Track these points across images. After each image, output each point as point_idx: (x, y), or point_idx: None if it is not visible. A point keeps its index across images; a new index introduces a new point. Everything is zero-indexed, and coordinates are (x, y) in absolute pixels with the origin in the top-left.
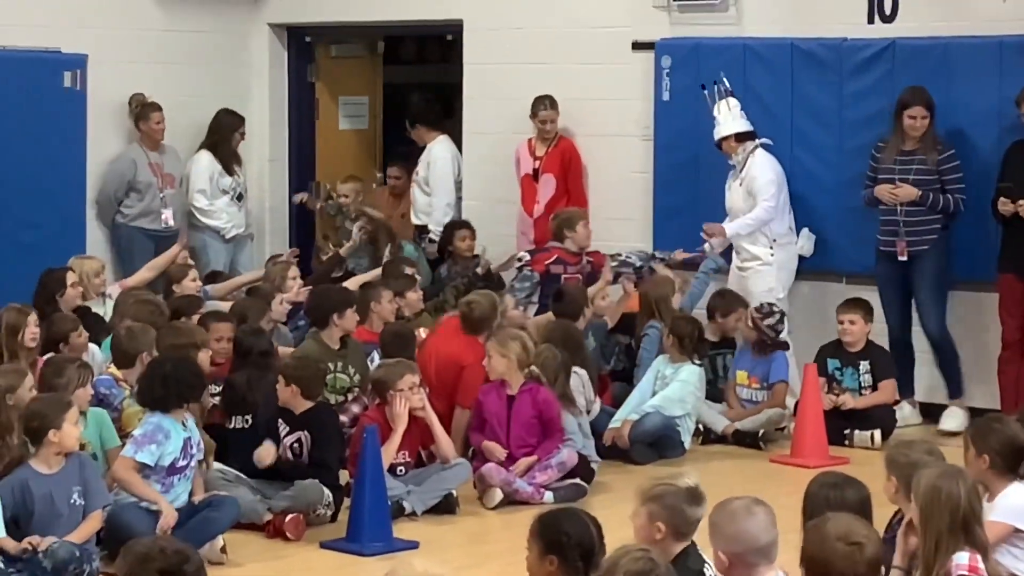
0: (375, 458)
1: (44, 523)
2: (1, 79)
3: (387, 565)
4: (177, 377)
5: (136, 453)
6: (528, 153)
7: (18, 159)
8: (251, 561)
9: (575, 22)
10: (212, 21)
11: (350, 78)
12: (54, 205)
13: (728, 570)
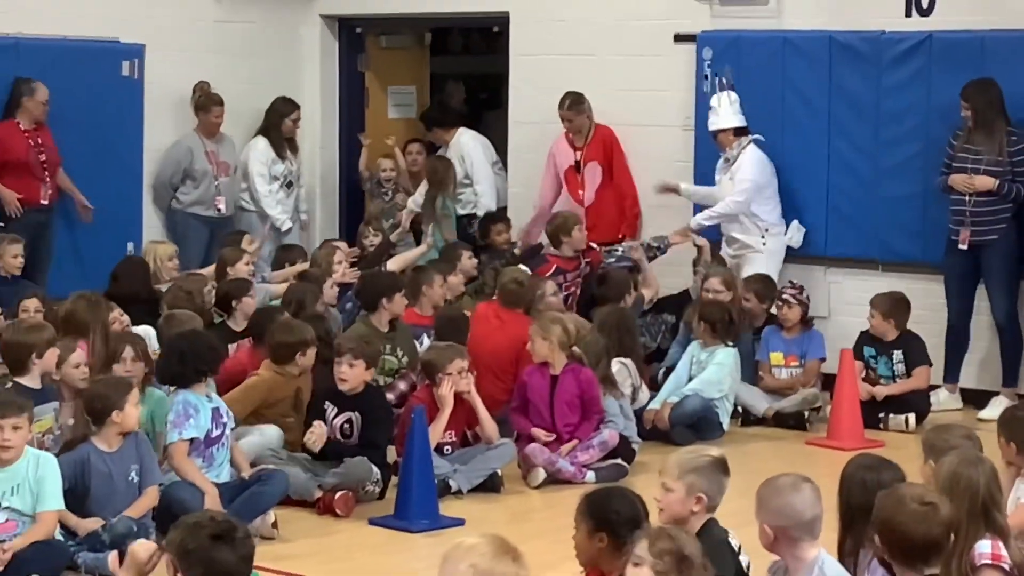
0: (422, 438)
1: (102, 498)
2: (62, 68)
3: (433, 541)
4: (194, 352)
5: (181, 434)
6: (568, 146)
7: (77, 145)
8: (301, 537)
9: (618, 14)
10: (265, 12)
11: (398, 68)
12: (112, 190)
13: (773, 544)
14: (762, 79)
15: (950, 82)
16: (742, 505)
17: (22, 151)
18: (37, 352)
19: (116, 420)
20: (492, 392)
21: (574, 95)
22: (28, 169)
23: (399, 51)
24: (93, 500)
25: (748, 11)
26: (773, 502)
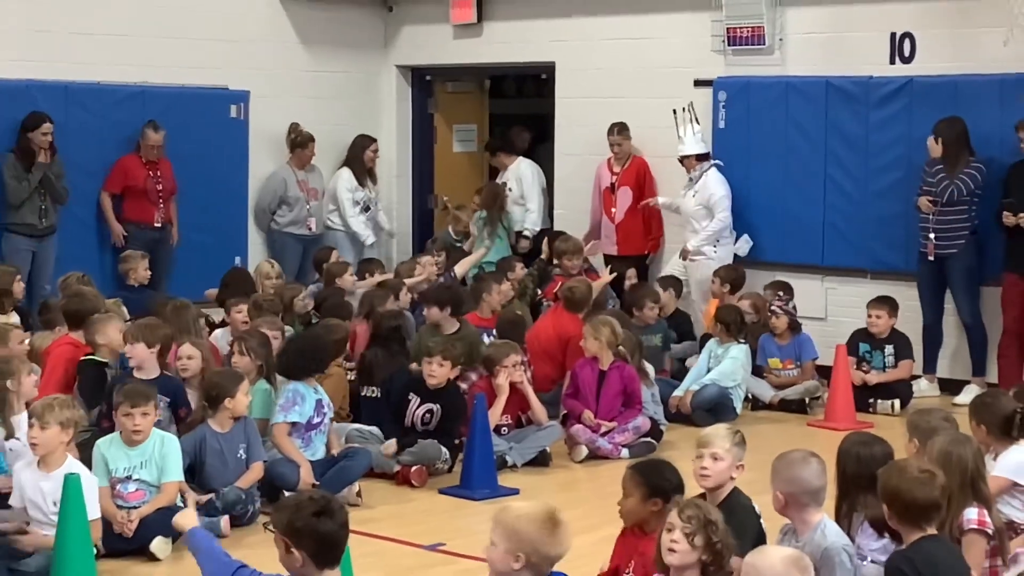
0: (483, 421)
1: (215, 471)
2: (181, 111)
3: (493, 507)
4: (309, 352)
5: (286, 417)
6: (607, 170)
7: (193, 176)
8: (382, 504)
9: (647, 63)
10: (350, 63)
11: (461, 109)
12: (221, 213)
13: (783, 508)
14: (768, 116)
15: (928, 119)
16: (754, 477)
17: (141, 179)
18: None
19: (228, 406)
20: (547, 372)
21: (621, 124)
22: (145, 195)
23: (462, 95)
24: (208, 473)
25: (757, 60)
26: (785, 472)
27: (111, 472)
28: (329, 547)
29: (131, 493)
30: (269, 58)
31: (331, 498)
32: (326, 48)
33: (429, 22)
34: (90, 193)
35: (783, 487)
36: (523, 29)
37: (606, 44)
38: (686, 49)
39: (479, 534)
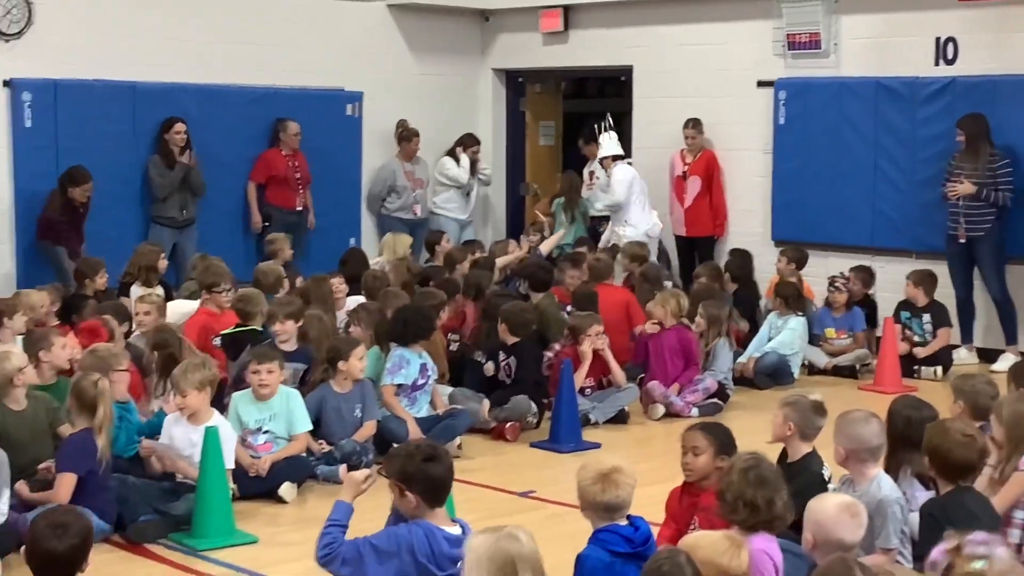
0: (569, 383)
1: (332, 427)
2: (303, 110)
3: (577, 459)
4: (415, 321)
5: (393, 379)
6: (680, 160)
7: (315, 167)
8: (480, 456)
9: (714, 66)
10: (451, 67)
11: (545, 108)
12: (339, 200)
13: (844, 461)
14: (824, 114)
15: None
16: None
17: (283, 170)
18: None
19: (343, 368)
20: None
21: (695, 119)
22: (287, 183)
23: (546, 95)
24: (326, 427)
25: (814, 62)
26: (848, 429)
27: (244, 424)
28: (438, 488)
29: (260, 445)
30: (380, 63)
31: (437, 445)
32: (430, 54)
33: (521, 30)
34: (227, 184)
35: (845, 443)
36: (605, 36)
37: (679, 49)
38: (750, 53)
39: (565, 483)
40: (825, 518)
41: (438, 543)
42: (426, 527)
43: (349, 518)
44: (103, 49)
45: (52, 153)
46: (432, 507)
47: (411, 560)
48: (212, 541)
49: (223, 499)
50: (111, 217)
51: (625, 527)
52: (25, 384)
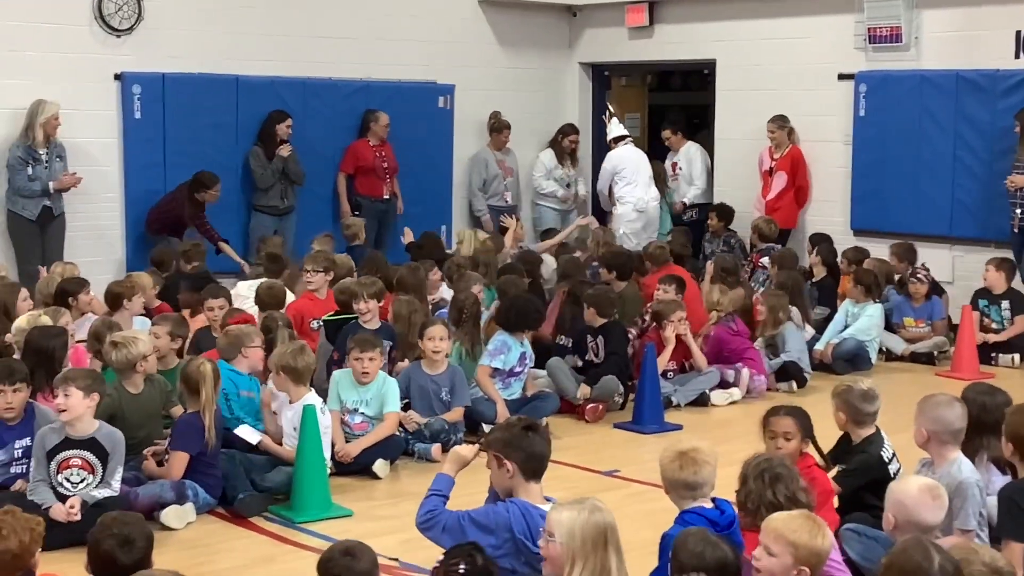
0: (652, 366)
1: (417, 405)
2: (397, 102)
3: (659, 440)
4: (524, 310)
5: (491, 362)
6: (768, 156)
7: (409, 157)
8: (567, 436)
9: (796, 59)
10: (539, 60)
11: (630, 100)
12: (431, 188)
13: (925, 443)
14: (904, 106)
15: None
16: (890, 418)
17: (370, 160)
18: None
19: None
20: None
21: (780, 116)
22: (375, 173)
23: (631, 88)
24: (414, 405)
25: (894, 56)
26: (931, 412)
27: (342, 403)
28: (535, 459)
29: (356, 424)
30: (471, 57)
31: (537, 421)
32: (519, 48)
33: (607, 25)
34: (324, 173)
35: (927, 425)
36: (688, 31)
37: (761, 43)
38: (831, 47)
39: (648, 462)
40: (907, 499)
41: (533, 520)
42: (522, 505)
43: (450, 490)
44: (208, 44)
45: (159, 143)
46: (527, 480)
47: (509, 537)
48: (310, 514)
49: (320, 474)
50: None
51: (711, 509)
52: (147, 371)
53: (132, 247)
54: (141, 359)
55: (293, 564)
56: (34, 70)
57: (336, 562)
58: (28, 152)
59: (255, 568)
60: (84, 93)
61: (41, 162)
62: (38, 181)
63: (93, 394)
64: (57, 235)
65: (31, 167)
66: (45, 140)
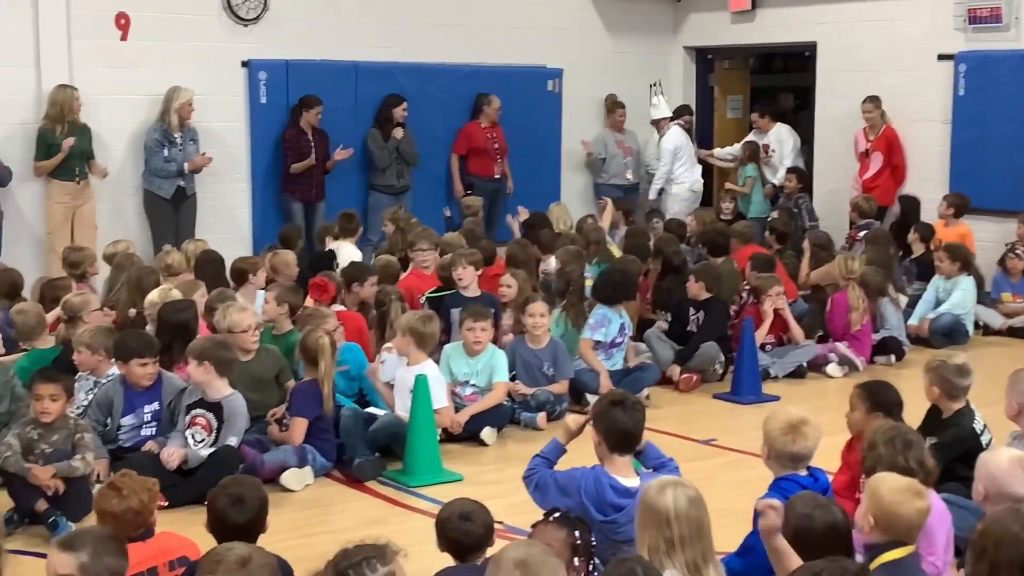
0: (750, 339)
1: (526, 379)
2: (507, 86)
3: (757, 410)
4: (621, 283)
5: (593, 335)
6: (863, 137)
7: (519, 138)
8: (667, 406)
9: (896, 40)
10: (644, 45)
11: (733, 83)
12: (538, 171)
13: (1016, 415)
14: (1004, 85)
15: None
16: (986, 390)
17: (482, 141)
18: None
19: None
20: None
21: (873, 97)
22: (486, 153)
23: (734, 71)
24: (520, 379)
25: (994, 36)
26: (1022, 386)
27: (453, 375)
28: (618, 434)
29: (467, 395)
30: (579, 42)
31: (629, 395)
32: (625, 33)
33: (711, 10)
34: (437, 154)
35: (1019, 398)
36: (790, 14)
37: (862, 25)
38: (931, 28)
39: (746, 432)
40: (998, 471)
41: (603, 489)
42: (598, 472)
43: (557, 456)
44: (329, 32)
45: (283, 126)
46: (611, 452)
47: (579, 500)
48: (421, 478)
49: (431, 440)
50: (335, 185)
51: (805, 477)
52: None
53: (259, 224)
54: (241, 329)
55: (404, 525)
56: (167, 59)
57: (453, 524)
58: (164, 135)
59: (368, 529)
60: (213, 80)
61: (176, 145)
62: (173, 162)
63: (204, 361)
64: (189, 213)
65: (167, 149)
66: (180, 124)
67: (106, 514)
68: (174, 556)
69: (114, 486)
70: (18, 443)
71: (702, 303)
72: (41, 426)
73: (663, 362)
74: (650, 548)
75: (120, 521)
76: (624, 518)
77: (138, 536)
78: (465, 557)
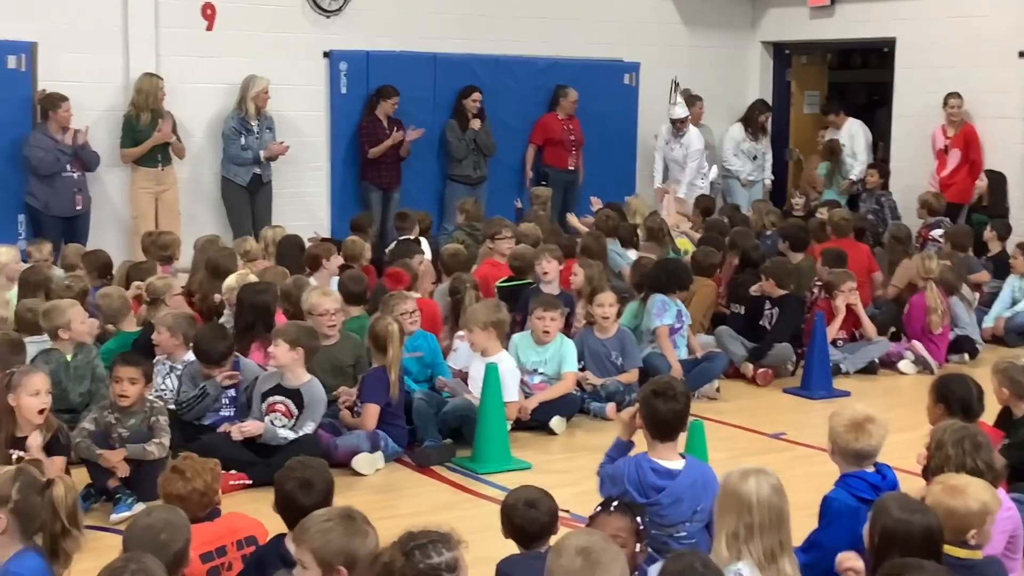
0: (822, 334)
1: (595, 369)
2: (584, 79)
3: (827, 405)
4: (676, 272)
5: (662, 320)
6: (941, 134)
7: (594, 131)
8: (736, 399)
9: (975, 37)
10: (722, 40)
11: (810, 78)
12: (613, 163)
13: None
14: None
15: None
16: None
17: (558, 132)
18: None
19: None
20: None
21: (956, 93)
22: (561, 145)
23: (811, 66)
24: (588, 369)
25: None
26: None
27: (522, 364)
28: (659, 422)
29: (536, 384)
30: (656, 36)
31: (676, 385)
32: (703, 27)
33: (789, 5)
34: (513, 145)
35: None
36: (869, 10)
37: (941, 21)
38: (1012, 25)
39: (815, 427)
40: None
41: (644, 473)
42: (639, 458)
43: (620, 452)
44: (409, 24)
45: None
46: (654, 439)
47: (623, 487)
48: (490, 466)
49: (501, 428)
50: (413, 174)
51: (872, 474)
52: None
53: (337, 212)
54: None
55: (471, 512)
56: (251, 49)
57: (518, 511)
58: (241, 123)
59: (435, 514)
60: (295, 69)
61: (253, 133)
62: (250, 150)
63: (298, 347)
64: (265, 201)
65: (244, 137)
66: (256, 112)
67: (172, 497)
68: (242, 536)
69: (178, 469)
70: (94, 427)
71: (777, 300)
72: (119, 410)
73: (735, 360)
74: (728, 534)
75: (187, 503)
76: (667, 499)
77: (205, 516)
78: (529, 544)
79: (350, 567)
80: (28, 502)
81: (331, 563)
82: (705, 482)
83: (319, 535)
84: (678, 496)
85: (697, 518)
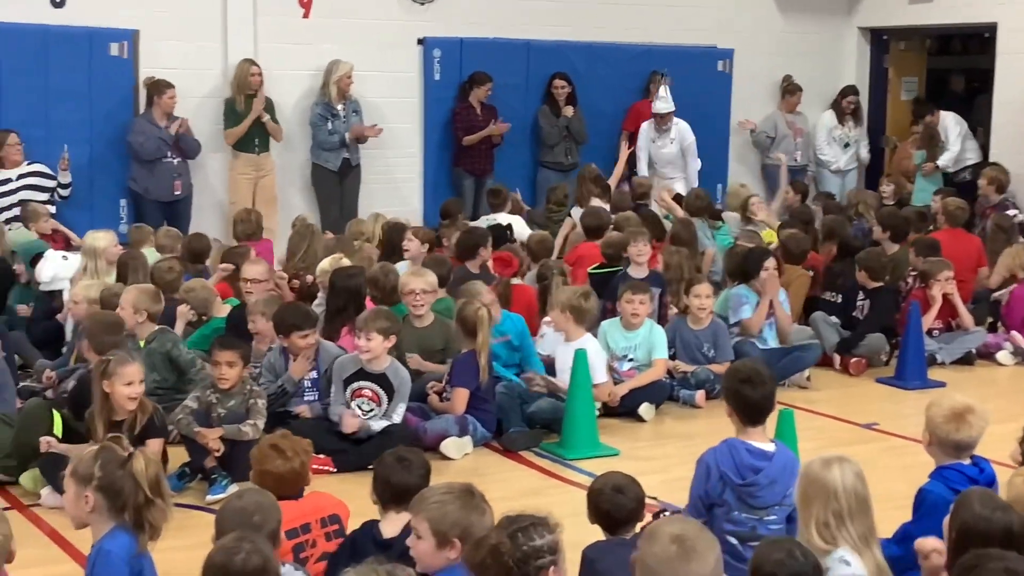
0: (917, 324)
1: (686, 358)
2: (677, 65)
3: (921, 396)
4: (752, 260)
5: (742, 313)
6: None
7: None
8: (827, 388)
9: None
10: (818, 25)
11: (908, 64)
12: (706, 150)
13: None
14: None
15: None
16: None
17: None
18: None
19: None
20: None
21: None
22: None
23: (909, 52)
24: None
25: None
26: None
27: (611, 350)
28: (749, 409)
29: (625, 371)
30: (751, 22)
31: (763, 371)
32: (798, 14)
33: None
34: (606, 132)
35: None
36: None
37: None
38: None
39: (909, 418)
40: None
41: (739, 454)
42: (730, 443)
43: None
44: (502, 11)
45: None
46: (745, 425)
47: (717, 474)
48: (578, 452)
49: (589, 414)
50: (506, 161)
51: (970, 467)
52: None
53: (429, 198)
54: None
55: (558, 497)
56: (346, 36)
57: (605, 496)
58: (326, 108)
59: (523, 499)
60: (389, 56)
61: (339, 117)
62: (337, 135)
63: (391, 336)
64: (353, 185)
65: (330, 122)
66: (340, 96)
67: (268, 474)
68: (326, 514)
69: (277, 447)
70: (196, 405)
71: (870, 292)
72: (220, 390)
73: (828, 347)
74: (818, 523)
75: (282, 481)
76: (764, 479)
77: (291, 495)
78: (616, 530)
79: (464, 542)
80: (111, 477)
81: (447, 535)
82: (794, 467)
83: (437, 506)
84: (774, 477)
85: (787, 501)
